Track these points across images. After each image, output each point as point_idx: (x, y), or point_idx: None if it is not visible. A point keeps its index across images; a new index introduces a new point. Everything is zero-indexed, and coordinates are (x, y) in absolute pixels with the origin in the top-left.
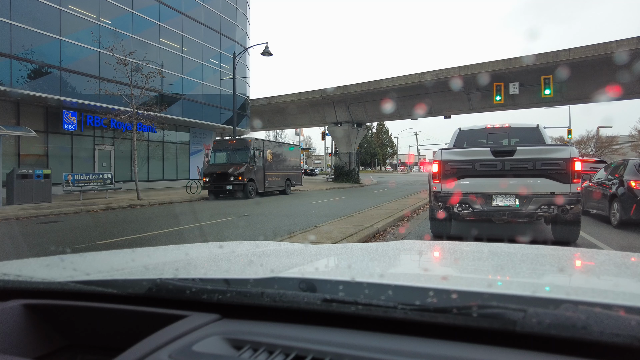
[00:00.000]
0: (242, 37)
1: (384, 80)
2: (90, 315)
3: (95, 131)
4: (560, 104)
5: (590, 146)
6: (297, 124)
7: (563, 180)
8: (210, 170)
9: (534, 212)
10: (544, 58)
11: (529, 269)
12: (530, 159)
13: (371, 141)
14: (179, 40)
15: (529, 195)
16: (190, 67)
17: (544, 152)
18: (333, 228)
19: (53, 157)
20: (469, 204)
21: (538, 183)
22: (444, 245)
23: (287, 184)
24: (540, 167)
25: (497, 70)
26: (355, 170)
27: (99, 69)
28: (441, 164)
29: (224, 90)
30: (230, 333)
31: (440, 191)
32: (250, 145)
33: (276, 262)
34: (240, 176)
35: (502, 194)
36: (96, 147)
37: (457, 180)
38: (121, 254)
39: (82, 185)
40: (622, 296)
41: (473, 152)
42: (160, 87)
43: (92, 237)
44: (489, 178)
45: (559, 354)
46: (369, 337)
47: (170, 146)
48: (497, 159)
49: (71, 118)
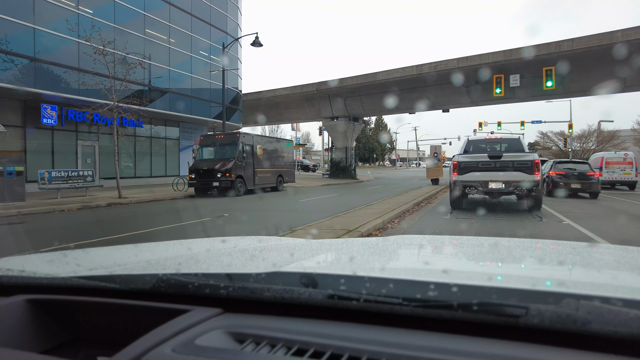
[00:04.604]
0: (233, 28)
1: (380, 73)
2: (94, 310)
3: (78, 126)
4: (561, 97)
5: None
6: (292, 119)
7: (530, 173)
8: (196, 166)
9: (513, 191)
10: (546, 49)
11: (530, 262)
12: (511, 160)
13: (370, 136)
14: (166, 31)
15: (510, 181)
16: (178, 60)
17: (519, 157)
18: (308, 233)
19: (32, 153)
20: (474, 187)
21: (515, 174)
22: (444, 239)
23: (279, 180)
24: (517, 165)
25: (497, 62)
26: (352, 166)
27: (78, 60)
28: (457, 164)
29: (214, 84)
30: (233, 327)
31: (457, 180)
32: (238, 140)
33: (278, 256)
34: (228, 172)
35: (494, 181)
36: (79, 143)
37: (467, 173)
38: (124, 249)
39: (60, 183)
40: (622, 289)
41: (476, 156)
42: (146, 80)
43: (49, 241)
44: (487, 172)
45: (560, 346)
46: (370, 330)
47: (159, 142)
48: (491, 160)
49: (50, 112)
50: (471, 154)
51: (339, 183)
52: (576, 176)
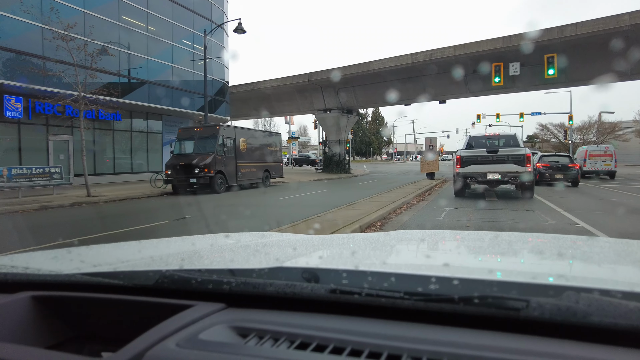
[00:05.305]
0: (219, 16)
1: (374, 62)
2: (98, 306)
3: (48, 119)
4: (563, 86)
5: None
6: (284, 112)
7: (523, 165)
8: (172, 161)
9: (508, 181)
10: (548, 34)
11: (530, 256)
12: (506, 154)
13: (366, 130)
14: (144, 18)
15: (506, 172)
16: (158, 49)
17: (513, 151)
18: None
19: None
20: (475, 177)
21: (510, 166)
22: (445, 233)
23: (265, 175)
24: (511, 158)
25: (496, 49)
26: (346, 160)
27: (43, 47)
28: (460, 157)
29: (198, 75)
30: (236, 321)
31: (460, 171)
32: (218, 133)
33: (280, 251)
34: (207, 168)
35: (492, 172)
36: (50, 138)
37: (469, 165)
38: (128, 245)
39: (23, 181)
40: (622, 282)
41: (476, 151)
42: (123, 70)
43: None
44: (485, 164)
45: (561, 338)
46: (372, 323)
47: (141, 136)
48: (489, 154)
49: (15, 104)
50: (473, 149)
51: (331, 178)
52: (559, 168)
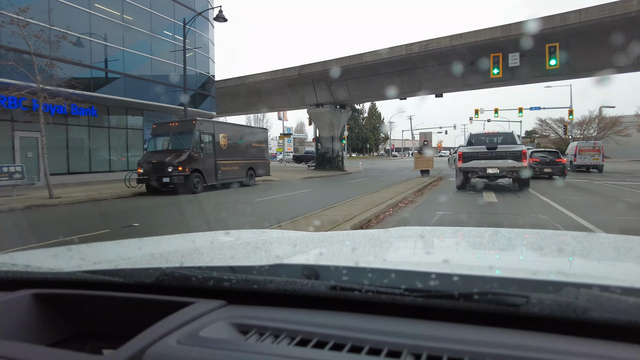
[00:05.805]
0: (202, 6)
1: (367, 54)
2: (99, 303)
3: (13, 114)
4: (565, 77)
5: (593, 127)
6: (275, 107)
7: (519, 160)
8: (145, 159)
9: (506, 175)
10: (550, 22)
11: (530, 252)
12: (504, 150)
13: (362, 126)
14: (119, 6)
15: (504, 167)
16: (134, 40)
17: (510, 147)
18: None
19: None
20: (475, 172)
21: (508, 162)
22: (445, 230)
23: (249, 174)
24: (509, 154)
25: (494, 39)
26: (339, 157)
27: None
28: (462, 154)
29: (181, 68)
30: (236, 318)
31: (462, 166)
32: (194, 128)
33: (280, 248)
34: (181, 166)
35: (491, 167)
36: (16, 134)
37: (470, 161)
38: (128, 243)
39: None
40: (621, 278)
41: (477, 148)
42: (97, 61)
43: None
44: (485, 160)
45: (561, 334)
46: (372, 320)
47: (119, 132)
48: (489, 150)
49: None
50: (474, 146)
51: (323, 175)
52: (548, 162)
